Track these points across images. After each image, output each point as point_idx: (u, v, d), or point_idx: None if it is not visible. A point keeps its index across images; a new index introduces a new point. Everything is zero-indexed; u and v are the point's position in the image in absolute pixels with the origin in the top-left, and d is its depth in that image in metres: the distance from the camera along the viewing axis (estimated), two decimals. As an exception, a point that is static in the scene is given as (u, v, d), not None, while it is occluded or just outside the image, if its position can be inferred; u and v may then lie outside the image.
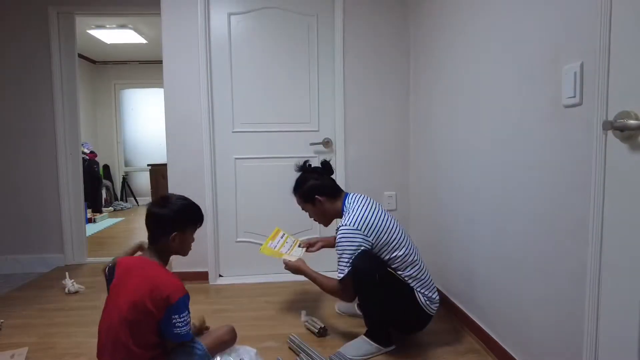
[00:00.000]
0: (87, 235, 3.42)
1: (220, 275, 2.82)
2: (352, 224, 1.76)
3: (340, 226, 1.80)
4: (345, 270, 1.73)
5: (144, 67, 6.42)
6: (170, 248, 1.49)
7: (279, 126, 2.77)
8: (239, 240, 2.82)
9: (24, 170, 3.09)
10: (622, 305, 1.04)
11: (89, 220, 4.95)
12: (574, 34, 1.21)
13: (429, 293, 1.78)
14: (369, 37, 2.74)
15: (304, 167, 2.00)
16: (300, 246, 2.15)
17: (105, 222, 5.18)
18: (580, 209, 1.19)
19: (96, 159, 5.78)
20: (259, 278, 2.75)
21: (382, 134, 2.80)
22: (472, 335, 1.94)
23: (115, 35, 4.94)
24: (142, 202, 6.58)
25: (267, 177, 2.79)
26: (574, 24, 1.21)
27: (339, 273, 1.75)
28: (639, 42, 0.97)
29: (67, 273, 2.71)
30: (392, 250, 1.77)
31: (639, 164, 0.98)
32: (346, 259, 1.73)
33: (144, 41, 5.19)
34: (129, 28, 4.71)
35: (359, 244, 1.73)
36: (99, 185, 5.77)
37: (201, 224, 1.57)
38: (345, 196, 1.93)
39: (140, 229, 4.78)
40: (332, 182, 1.97)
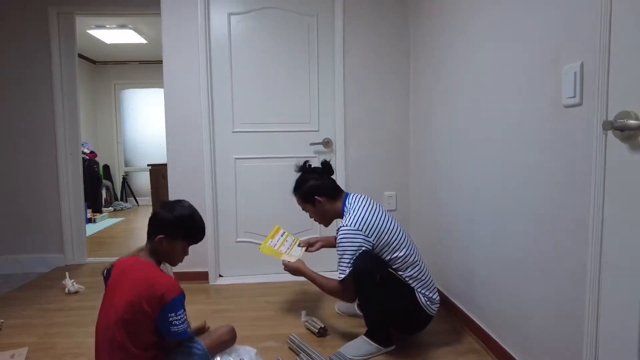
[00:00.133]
0: (87, 235, 3.42)
1: (220, 276, 2.82)
2: (352, 225, 1.76)
3: (341, 227, 1.80)
4: (346, 271, 1.73)
5: (144, 67, 6.42)
6: (158, 250, 1.46)
7: (279, 126, 2.77)
8: (239, 240, 2.82)
9: (24, 170, 3.09)
10: (622, 305, 1.04)
11: (89, 221, 4.95)
12: (574, 34, 1.21)
13: (430, 293, 1.78)
14: (369, 37, 2.74)
15: (304, 168, 2.00)
16: (300, 246, 2.15)
17: (105, 222, 5.17)
18: (580, 209, 1.19)
19: (96, 159, 5.77)
20: (259, 278, 2.75)
21: (382, 134, 2.80)
22: (472, 335, 1.94)
23: (115, 35, 4.94)
24: (142, 202, 6.57)
25: (267, 177, 2.79)
26: (574, 24, 1.21)
27: (340, 273, 1.75)
28: (639, 42, 0.97)
29: (67, 273, 2.72)
30: (392, 251, 1.77)
31: (639, 164, 0.98)
32: (347, 259, 1.73)
33: (144, 41, 5.19)
34: (129, 28, 4.71)
35: (360, 245, 1.73)
36: (99, 185, 5.77)
37: (194, 241, 1.51)
38: (346, 196, 1.92)
39: (140, 229, 4.78)
40: (332, 183, 1.97)
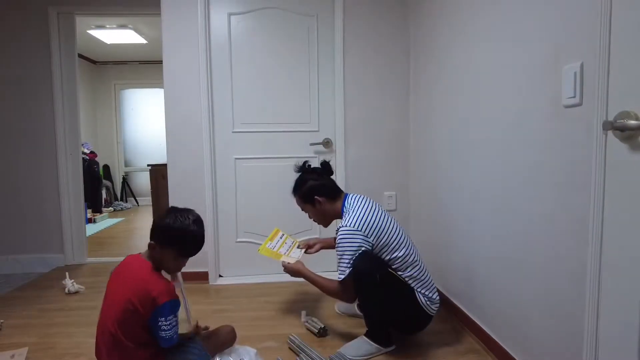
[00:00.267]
0: (87, 235, 3.42)
1: (220, 276, 2.82)
2: (352, 225, 1.76)
3: (340, 227, 1.79)
4: (346, 272, 1.72)
5: (144, 67, 6.42)
6: (153, 255, 1.42)
7: (279, 126, 2.77)
8: (239, 240, 2.82)
9: (24, 170, 3.09)
10: (622, 305, 1.04)
11: (89, 221, 4.95)
12: (574, 34, 1.21)
13: (429, 293, 1.78)
14: (369, 37, 2.74)
15: (303, 168, 2.00)
16: (299, 247, 2.15)
17: (105, 222, 5.17)
18: (580, 209, 1.19)
19: (96, 159, 5.78)
20: (259, 278, 2.75)
21: (382, 134, 2.80)
22: (472, 335, 1.94)
23: (115, 35, 4.94)
24: (142, 203, 6.57)
25: (267, 177, 2.79)
26: (574, 24, 1.21)
27: (340, 274, 1.75)
28: (639, 42, 0.97)
29: (67, 273, 2.71)
30: (392, 251, 1.77)
31: (639, 164, 0.98)
32: (347, 260, 1.73)
33: (144, 41, 5.19)
34: (129, 28, 4.71)
35: (360, 245, 1.73)
36: (99, 186, 5.77)
37: (184, 254, 1.44)
38: (345, 197, 1.92)
39: (140, 229, 4.77)
40: (332, 183, 1.97)
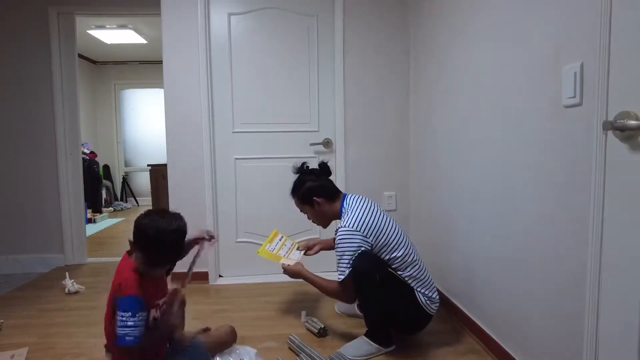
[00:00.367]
0: (87, 235, 3.42)
1: (220, 276, 2.82)
2: (351, 225, 1.76)
3: (339, 228, 1.79)
4: (345, 272, 1.72)
5: (144, 67, 6.42)
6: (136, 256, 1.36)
7: (279, 126, 2.77)
8: (239, 240, 2.81)
9: (24, 170, 3.09)
10: (622, 305, 1.04)
11: (89, 221, 4.95)
12: (574, 34, 1.21)
13: (429, 293, 1.78)
14: (369, 37, 2.74)
15: (301, 169, 2.00)
16: (298, 249, 2.15)
17: (105, 222, 5.18)
18: (580, 209, 1.19)
19: (96, 159, 5.78)
20: (258, 278, 2.75)
21: (382, 134, 2.80)
22: (472, 335, 1.94)
23: (115, 35, 4.94)
24: (142, 203, 6.57)
25: (267, 177, 2.78)
26: (574, 24, 1.21)
27: (339, 275, 1.75)
28: (639, 42, 0.97)
29: (67, 273, 2.71)
30: (391, 251, 1.77)
31: (639, 164, 0.98)
32: (346, 260, 1.73)
33: (144, 41, 5.19)
34: (129, 28, 4.71)
35: (359, 245, 1.73)
36: (99, 186, 5.77)
37: (152, 260, 1.34)
38: (344, 197, 1.92)
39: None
40: (330, 184, 1.97)
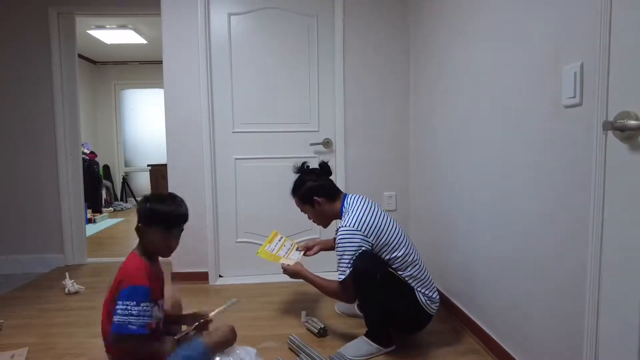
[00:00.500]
0: (87, 235, 3.42)
1: (220, 276, 2.81)
2: (351, 225, 1.76)
3: (340, 227, 1.79)
4: (346, 272, 1.72)
5: (144, 67, 6.42)
6: (143, 240, 1.41)
7: (279, 126, 2.77)
8: (239, 240, 2.81)
9: (24, 170, 3.09)
10: (622, 306, 1.04)
11: (89, 221, 4.95)
12: (574, 34, 1.21)
13: (430, 293, 1.78)
14: (369, 37, 2.74)
15: (301, 169, 2.00)
16: (298, 249, 2.15)
17: (105, 222, 5.18)
18: (580, 209, 1.19)
19: (96, 159, 5.78)
20: (258, 278, 2.75)
21: (382, 134, 2.80)
22: (472, 335, 1.94)
23: (115, 35, 4.95)
24: (142, 203, 6.57)
25: (267, 177, 2.78)
26: (574, 24, 1.21)
27: (340, 274, 1.75)
28: (639, 42, 0.97)
29: (67, 273, 2.71)
30: (392, 251, 1.77)
31: (639, 164, 0.98)
32: (347, 260, 1.73)
33: (144, 41, 5.19)
34: (129, 28, 4.71)
35: (359, 245, 1.73)
36: (99, 186, 5.77)
37: (168, 225, 1.40)
38: (344, 197, 1.92)
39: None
40: (331, 183, 1.97)
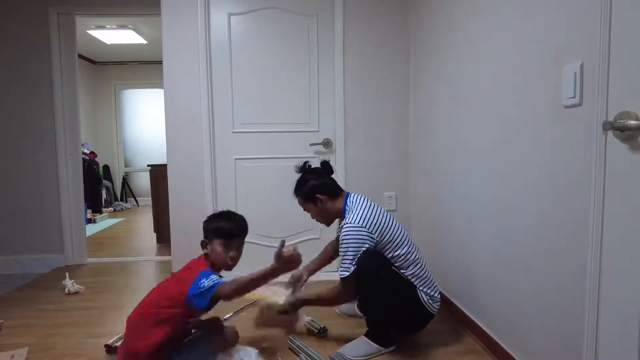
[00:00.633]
0: (87, 235, 3.42)
1: (220, 276, 2.80)
2: (356, 221, 1.76)
3: (344, 224, 1.79)
4: (350, 268, 1.72)
5: (144, 67, 6.42)
6: (207, 256, 1.66)
7: (279, 126, 2.77)
8: (239, 240, 2.81)
9: (24, 171, 3.09)
10: (622, 306, 1.04)
11: (89, 221, 4.95)
12: (574, 34, 1.21)
13: (431, 292, 1.78)
14: (369, 37, 2.74)
15: (304, 168, 2.01)
16: (287, 287, 1.99)
17: (105, 222, 5.17)
18: (580, 209, 1.19)
19: (96, 159, 5.78)
20: (259, 278, 2.75)
21: (382, 134, 2.80)
22: (472, 335, 1.94)
23: (115, 35, 4.95)
24: (142, 203, 6.56)
25: (267, 177, 2.78)
26: (574, 24, 1.21)
27: (343, 271, 1.75)
28: (639, 42, 0.97)
29: (67, 273, 2.71)
30: (395, 248, 1.77)
31: (639, 164, 0.98)
32: (350, 256, 1.73)
33: (144, 41, 5.19)
34: (129, 28, 4.72)
35: (364, 241, 1.73)
36: (99, 186, 5.77)
37: (226, 235, 1.67)
38: (347, 196, 1.93)
39: (140, 229, 4.76)
40: (333, 182, 1.98)
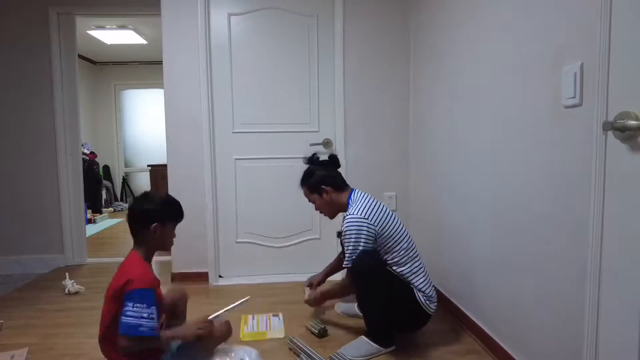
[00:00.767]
0: (87, 235, 3.42)
1: (220, 276, 2.81)
2: (359, 213, 1.80)
3: (347, 215, 1.83)
4: (353, 257, 1.75)
5: (144, 67, 6.42)
6: (152, 240, 1.48)
7: (279, 127, 2.77)
8: (239, 240, 2.81)
9: (24, 171, 3.09)
10: (622, 306, 1.04)
11: (89, 221, 4.95)
12: (574, 34, 1.21)
13: (428, 291, 1.79)
14: (369, 37, 2.74)
15: (312, 160, 2.03)
16: (276, 316, 2.13)
17: (105, 222, 5.17)
18: (580, 210, 1.19)
19: (96, 159, 5.77)
20: (259, 279, 2.75)
21: (382, 134, 2.80)
22: (472, 335, 1.94)
23: (115, 35, 4.94)
24: (142, 203, 6.56)
25: (267, 177, 2.78)
26: (574, 24, 1.21)
27: (346, 262, 1.78)
28: (639, 42, 0.97)
29: (67, 274, 2.71)
30: (395, 243, 1.80)
31: (639, 164, 0.98)
32: (353, 246, 1.76)
33: (144, 42, 5.19)
34: (129, 28, 4.71)
35: (366, 232, 1.76)
36: (99, 186, 5.76)
37: (181, 219, 1.56)
38: (352, 191, 1.96)
39: (140, 229, 4.76)
40: (339, 175, 2.01)
